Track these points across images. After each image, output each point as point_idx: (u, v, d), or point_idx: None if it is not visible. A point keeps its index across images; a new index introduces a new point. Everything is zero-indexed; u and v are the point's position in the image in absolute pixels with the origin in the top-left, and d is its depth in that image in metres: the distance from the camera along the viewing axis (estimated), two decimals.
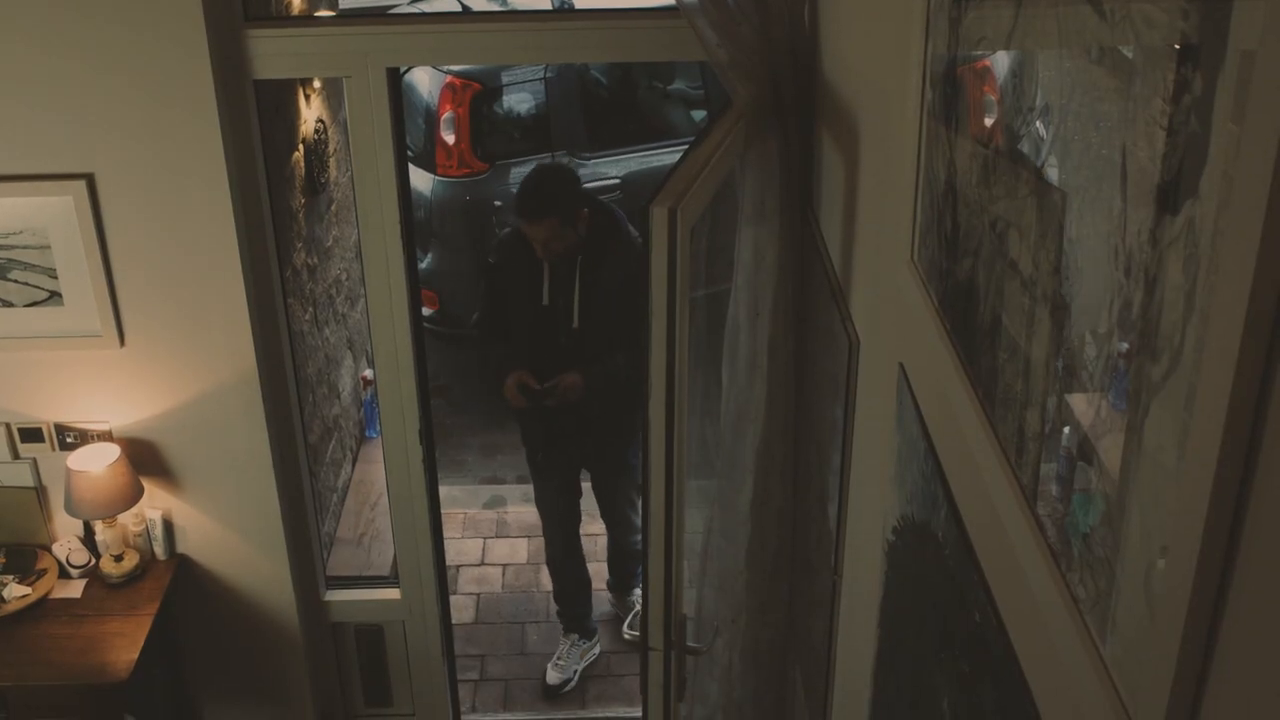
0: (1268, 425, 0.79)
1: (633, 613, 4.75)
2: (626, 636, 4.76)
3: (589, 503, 4.64)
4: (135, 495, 3.52)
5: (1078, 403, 1.14)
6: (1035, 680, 1.28)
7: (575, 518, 4.58)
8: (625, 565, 4.76)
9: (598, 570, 4.88)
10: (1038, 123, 1.28)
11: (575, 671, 4.60)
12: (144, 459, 3.61)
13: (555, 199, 3.89)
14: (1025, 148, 1.32)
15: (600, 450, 4.42)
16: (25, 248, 3.34)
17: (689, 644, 2.79)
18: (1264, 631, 0.80)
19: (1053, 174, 1.21)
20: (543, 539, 4.73)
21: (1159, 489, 0.94)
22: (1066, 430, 1.16)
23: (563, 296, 4.06)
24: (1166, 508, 0.92)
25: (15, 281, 3.38)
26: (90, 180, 3.26)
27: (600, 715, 4.49)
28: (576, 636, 4.65)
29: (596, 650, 4.70)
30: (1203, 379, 0.84)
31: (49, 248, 3.33)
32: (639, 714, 3.71)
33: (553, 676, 4.57)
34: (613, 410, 4.23)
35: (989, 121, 1.47)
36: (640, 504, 4.54)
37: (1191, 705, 0.90)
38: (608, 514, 4.64)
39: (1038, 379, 1.23)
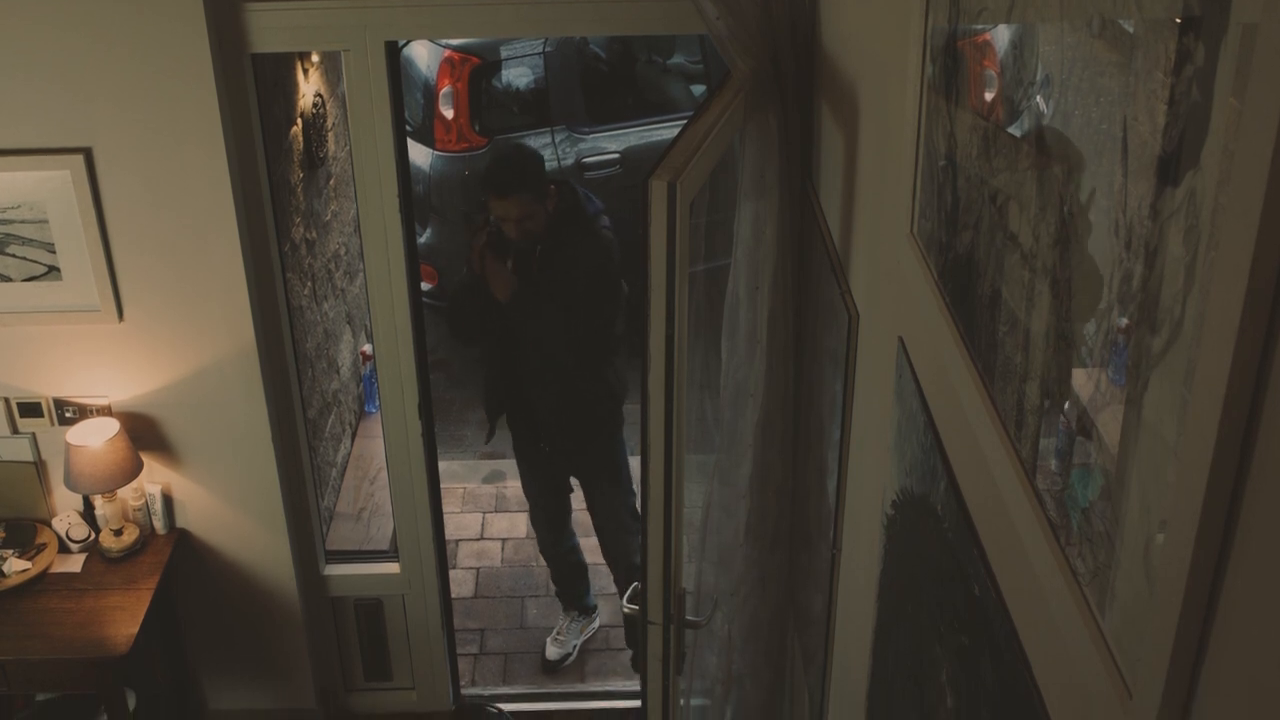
0: (1267, 399, 0.79)
1: (632, 586, 4.73)
2: (626, 610, 4.74)
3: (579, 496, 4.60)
4: (134, 470, 3.52)
5: (1077, 377, 1.14)
6: (1034, 653, 1.29)
7: (565, 512, 4.53)
8: (628, 575, 4.69)
9: (595, 545, 4.87)
10: (1038, 96, 1.27)
11: (574, 646, 4.61)
12: (143, 434, 3.61)
13: (524, 173, 3.86)
14: (1025, 121, 1.31)
15: (584, 447, 4.32)
16: (23, 222, 3.33)
17: (688, 618, 2.81)
18: (1262, 605, 0.81)
19: (1053, 147, 1.21)
20: None
21: (1158, 463, 0.94)
22: (1066, 404, 1.16)
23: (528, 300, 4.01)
24: (1166, 482, 0.92)
25: (13, 256, 3.38)
26: (88, 154, 3.25)
27: (599, 689, 4.51)
28: (576, 613, 4.66)
29: (596, 625, 4.71)
30: (1202, 352, 0.84)
31: (47, 222, 3.32)
32: (637, 688, 3.73)
33: (552, 652, 4.59)
34: (587, 402, 4.20)
35: (989, 95, 1.47)
36: (636, 520, 4.50)
37: (1190, 677, 0.90)
38: (603, 533, 4.46)
39: (1037, 352, 1.23)
